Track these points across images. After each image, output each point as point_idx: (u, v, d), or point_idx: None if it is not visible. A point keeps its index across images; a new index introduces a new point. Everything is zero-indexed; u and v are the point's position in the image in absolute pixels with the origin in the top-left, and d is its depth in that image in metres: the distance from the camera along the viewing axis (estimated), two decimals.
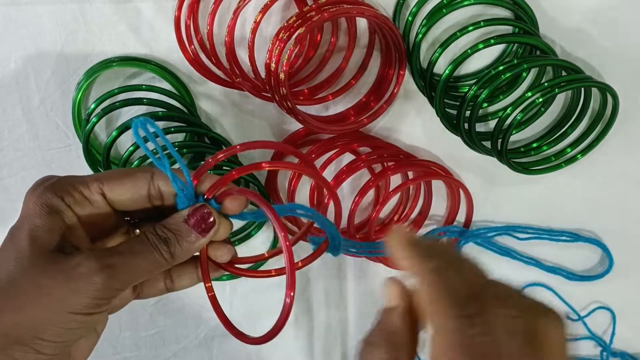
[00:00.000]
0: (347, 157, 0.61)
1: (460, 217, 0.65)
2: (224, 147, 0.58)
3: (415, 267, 0.36)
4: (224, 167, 0.57)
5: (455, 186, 0.62)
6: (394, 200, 0.64)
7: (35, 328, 0.36)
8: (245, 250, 0.63)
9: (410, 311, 0.37)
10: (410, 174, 0.62)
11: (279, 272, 0.44)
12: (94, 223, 0.40)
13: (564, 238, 0.66)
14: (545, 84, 0.54)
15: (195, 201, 0.40)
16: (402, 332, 0.36)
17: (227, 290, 0.66)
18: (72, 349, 0.39)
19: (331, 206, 0.46)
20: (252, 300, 0.66)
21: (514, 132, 0.56)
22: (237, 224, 0.61)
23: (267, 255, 0.46)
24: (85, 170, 0.57)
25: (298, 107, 0.54)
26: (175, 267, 0.41)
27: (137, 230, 0.43)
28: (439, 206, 0.65)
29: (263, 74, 0.53)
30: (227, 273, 0.44)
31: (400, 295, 0.37)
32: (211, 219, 0.39)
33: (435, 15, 0.55)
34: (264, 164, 0.42)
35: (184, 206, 0.40)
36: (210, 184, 0.40)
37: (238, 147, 0.40)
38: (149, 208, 0.41)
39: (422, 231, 0.65)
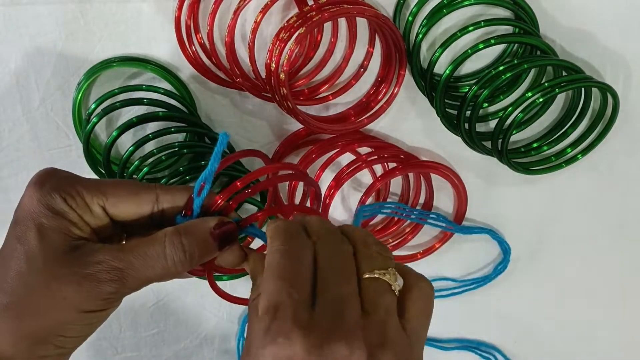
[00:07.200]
0: (347, 157, 0.61)
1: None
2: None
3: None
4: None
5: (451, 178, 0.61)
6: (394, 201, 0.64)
7: (56, 328, 0.37)
8: None
9: None
10: (411, 175, 0.62)
11: None
12: (93, 226, 0.40)
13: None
14: (546, 84, 0.54)
15: None
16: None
17: (227, 290, 0.66)
18: None
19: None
20: None
21: (514, 132, 0.56)
22: None
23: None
24: (85, 170, 0.57)
25: (298, 107, 0.54)
26: None
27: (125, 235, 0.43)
28: (446, 206, 0.65)
29: (263, 74, 0.53)
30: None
31: None
32: (234, 237, 0.40)
33: (435, 15, 0.55)
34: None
35: None
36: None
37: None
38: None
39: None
